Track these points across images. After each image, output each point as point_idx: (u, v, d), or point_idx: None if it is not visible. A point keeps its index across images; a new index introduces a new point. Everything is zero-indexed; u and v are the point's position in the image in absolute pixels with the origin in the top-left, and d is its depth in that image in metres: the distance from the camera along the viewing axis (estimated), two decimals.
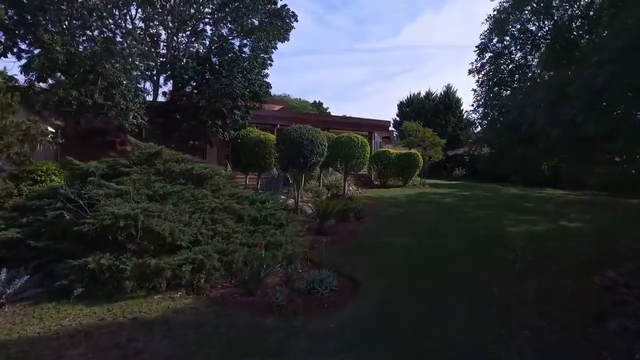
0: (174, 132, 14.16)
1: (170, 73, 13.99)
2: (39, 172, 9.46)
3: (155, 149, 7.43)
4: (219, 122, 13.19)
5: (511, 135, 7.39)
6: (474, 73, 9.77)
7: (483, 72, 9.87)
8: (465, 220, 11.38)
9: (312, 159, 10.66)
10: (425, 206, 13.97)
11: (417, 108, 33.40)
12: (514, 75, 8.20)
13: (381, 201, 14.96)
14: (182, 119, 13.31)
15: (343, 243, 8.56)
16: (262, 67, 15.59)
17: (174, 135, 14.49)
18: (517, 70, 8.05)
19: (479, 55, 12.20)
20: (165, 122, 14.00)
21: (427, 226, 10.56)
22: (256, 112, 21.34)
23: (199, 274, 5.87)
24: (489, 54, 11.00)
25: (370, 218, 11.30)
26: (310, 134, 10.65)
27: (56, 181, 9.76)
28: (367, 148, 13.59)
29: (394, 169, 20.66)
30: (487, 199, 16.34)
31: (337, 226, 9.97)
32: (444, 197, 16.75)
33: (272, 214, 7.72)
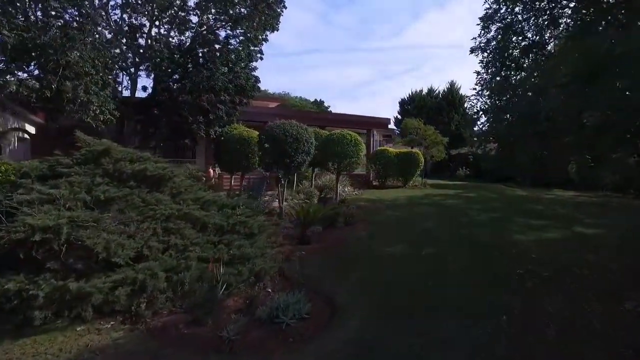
0: (155, 129, 13.12)
1: (149, 65, 12.95)
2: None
3: (104, 146, 6.36)
4: (201, 118, 12.13)
5: (525, 126, 5.83)
6: (477, 51, 7.64)
7: (489, 50, 7.58)
8: (469, 226, 10.23)
9: (298, 158, 9.56)
10: (425, 209, 12.82)
11: (419, 105, 32.18)
12: (528, 54, 6.50)
13: (377, 204, 13.83)
14: (162, 115, 12.25)
15: (327, 254, 7.45)
16: (250, 59, 14.51)
17: (155, 134, 13.47)
18: (531, 47, 6.29)
19: (484, 28, 9.49)
20: (145, 119, 12.96)
21: (426, 233, 9.43)
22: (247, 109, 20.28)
23: (138, 298, 4.78)
24: (496, 26, 8.78)
25: (363, 223, 10.18)
26: (295, 130, 9.55)
27: None
28: (361, 146, 12.46)
29: (393, 168, 19.53)
30: (492, 201, 15.16)
31: (323, 233, 8.87)
32: (446, 198, 15.58)
33: (242, 222, 6.62)
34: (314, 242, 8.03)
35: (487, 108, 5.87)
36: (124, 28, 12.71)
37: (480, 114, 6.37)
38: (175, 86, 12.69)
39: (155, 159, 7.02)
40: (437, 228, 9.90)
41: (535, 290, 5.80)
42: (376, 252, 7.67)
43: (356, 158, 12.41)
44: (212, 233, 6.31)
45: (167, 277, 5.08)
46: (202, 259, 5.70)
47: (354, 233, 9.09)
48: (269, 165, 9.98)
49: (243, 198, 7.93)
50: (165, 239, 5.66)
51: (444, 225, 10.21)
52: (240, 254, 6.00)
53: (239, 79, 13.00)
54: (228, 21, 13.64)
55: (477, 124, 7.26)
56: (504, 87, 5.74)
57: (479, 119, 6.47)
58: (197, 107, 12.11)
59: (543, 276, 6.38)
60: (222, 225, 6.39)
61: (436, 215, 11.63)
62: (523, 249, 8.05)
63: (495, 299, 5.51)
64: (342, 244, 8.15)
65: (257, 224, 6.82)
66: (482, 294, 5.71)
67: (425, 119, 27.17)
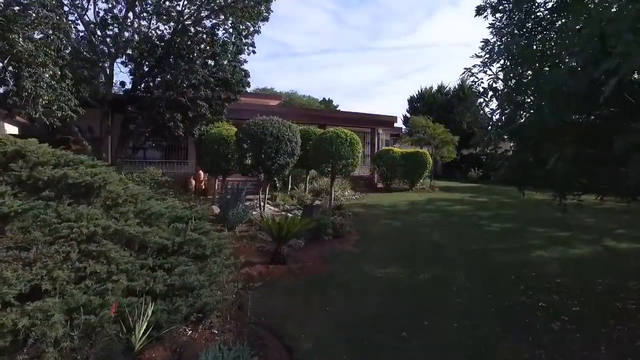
0: (134, 129, 11.96)
1: (126, 58, 11.78)
2: None
3: (15, 147, 5.13)
4: (179, 115, 10.92)
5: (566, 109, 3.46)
6: (487, 11, 5.20)
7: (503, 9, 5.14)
8: (480, 238, 8.79)
9: (279, 160, 8.27)
10: (430, 217, 11.38)
11: (428, 103, 30.57)
12: (562, 12, 4.34)
13: (376, 210, 12.44)
14: (137, 113, 11.07)
15: (301, 278, 6.11)
16: (238, 51, 13.25)
17: (134, 133, 12.31)
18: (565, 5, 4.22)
19: None
20: (121, 117, 11.81)
21: (428, 248, 8.02)
22: (242, 107, 19.06)
23: (17, 354, 3.53)
24: None
25: (355, 235, 8.81)
26: (276, 128, 8.25)
27: None
28: (357, 146, 11.09)
29: (399, 170, 18.12)
30: (507, 206, 13.63)
31: (305, 249, 7.54)
32: (455, 204, 14.10)
33: (192, 240, 5.34)
34: (290, 261, 6.70)
35: (502, 90, 4.06)
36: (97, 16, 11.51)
37: (489, 95, 4.62)
38: (153, 81, 11.50)
39: (93, 162, 5.77)
40: (441, 242, 8.48)
41: (567, 337, 4.37)
42: (363, 276, 6.30)
43: (352, 159, 11.04)
44: (153, 255, 5.03)
45: (67, 320, 3.81)
46: (131, 291, 4.43)
47: (342, 248, 7.73)
48: (248, 168, 8.71)
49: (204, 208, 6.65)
50: (82, 266, 4.39)
51: (451, 238, 8.78)
52: (182, 283, 4.70)
53: (223, 72, 11.73)
54: (212, 10, 12.39)
55: (482, 107, 5.22)
56: (528, 53, 3.87)
57: (487, 103, 4.63)
58: (174, 104, 10.90)
59: (572, 312, 4.94)
60: (166, 245, 5.11)
61: (442, 225, 10.19)
62: (545, 271, 6.60)
63: (512, 351, 4.10)
64: (323, 263, 6.80)
65: (212, 243, 5.52)
66: (500, 344, 4.31)
67: (435, 117, 25.61)
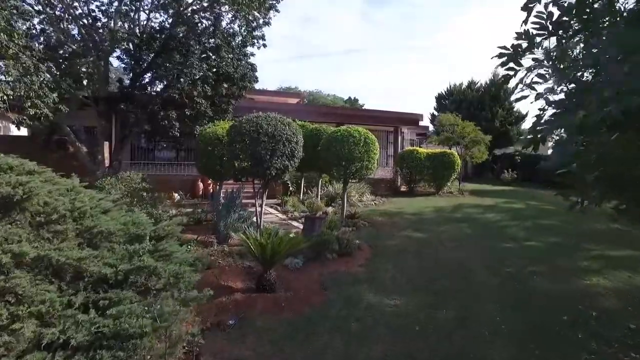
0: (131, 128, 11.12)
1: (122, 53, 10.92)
2: None
3: None
4: (174, 113, 9.94)
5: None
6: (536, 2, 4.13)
7: None
8: (518, 257, 7.26)
9: (275, 163, 7.05)
10: (458, 228, 9.86)
11: (457, 100, 28.55)
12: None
13: (396, 219, 11.02)
14: (131, 112, 10.17)
15: (289, 312, 4.85)
16: (243, 44, 12.17)
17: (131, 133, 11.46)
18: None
19: None
20: (116, 116, 10.99)
21: (454, 270, 6.58)
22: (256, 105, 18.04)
23: None
24: None
25: (366, 252, 7.47)
26: (272, 125, 7.04)
27: None
28: (373, 146, 9.72)
29: (424, 172, 16.58)
30: (547, 215, 11.88)
31: (301, 271, 6.28)
32: (486, 211, 12.46)
33: (144, 267, 4.19)
34: (279, 287, 5.47)
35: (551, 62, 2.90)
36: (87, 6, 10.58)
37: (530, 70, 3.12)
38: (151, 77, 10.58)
39: (33, 168, 4.73)
40: (470, 261, 7.01)
41: None
42: (367, 311, 4.97)
43: (367, 162, 9.68)
44: (89, 288, 3.92)
45: None
46: (38, 344, 3.32)
47: (347, 270, 6.41)
48: (240, 173, 7.54)
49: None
50: None
51: (480, 257, 7.29)
52: (116, 330, 3.55)
53: (226, 66, 10.66)
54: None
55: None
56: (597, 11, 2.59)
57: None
58: (169, 100, 9.92)
59: None
60: (105, 274, 3.99)
61: (471, 239, 8.69)
62: (609, 309, 5.06)
63: None
64: (320, 291, 5.52)
65: (170, 271, 4.35)
66: None
67: (465, 115, 23.75)
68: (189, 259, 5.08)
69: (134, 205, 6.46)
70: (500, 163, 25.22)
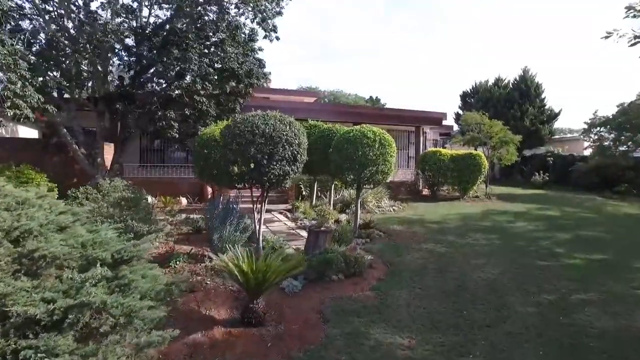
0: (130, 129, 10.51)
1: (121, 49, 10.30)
2: None
3: None
4: (172, 113, 9.23)
5: None
6: None
7: None
8: (557, 279, 6.11)
9: (273, 169, 6.17)
10: (486, 240, 8.72)
11: (483, 98, 26.96)
12: None
13: (416, 227, 9.97)
14: (126, 110, 9.52)
15: (274, 357, 3.94)
16: (250, 38, 11.38)
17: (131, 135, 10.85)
18: None
19: None
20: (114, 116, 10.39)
21: (482, 295, 5.52)
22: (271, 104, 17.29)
23: None
24: None
25: (379, 270, 6.49)
26: (270, 126, 6.16)
27: None
28: (389, 148, 8.72)
29: (448, 175, 15.39)
30: (588, 224, 10.56)
31: (300, 295, 5.38)
32: (518, 219, 11.22)
33: (86, 304, 3.37)
34: (270, 319, 4.58)
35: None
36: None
37: None
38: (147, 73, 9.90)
39: None
40: (500, 284, 5.92)
41: None
42: (373, 355, 4.01)
43: (383, 165, 8.69)
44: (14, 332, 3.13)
45: None
46: None
47: (355, 295, 5.45)
48: (236, 179, 6.69)
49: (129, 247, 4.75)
50: None
51: (513, 278, 6.18)
52: None
53: (229, 61, 9.87)
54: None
55: None
56: None
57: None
58: (169, 99, 9.21)
59: None
60: (35, 315, 3.18)
61: (501, 254, 7.56)
62: None
63: None
64: (318, 324, 4.58)
65: (124, 308, 3.53)
66: None
67: (492, 114, 22.33)
68: (158, 287, 4.28)
69: (111, 218, 5.70)
70: (530, 165, 23.59)
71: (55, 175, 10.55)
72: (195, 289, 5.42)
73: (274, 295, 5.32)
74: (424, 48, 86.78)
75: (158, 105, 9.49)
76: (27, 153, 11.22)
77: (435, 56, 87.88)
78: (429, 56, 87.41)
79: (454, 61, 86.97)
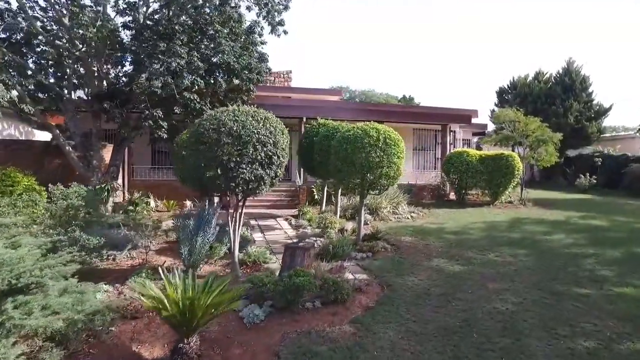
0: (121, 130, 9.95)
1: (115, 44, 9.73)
2: None
3: None
4: (159, 112, 8.50)
5: None
6: None
7: None
8: (602, 319, 4.69)
9: (242, 172, 5.21)
10: (511, 257, 7.31)
11: (521, 93, 24.75)
12: None
13: (432, 239, 8.69)
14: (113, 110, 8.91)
15: None
16: (250, 30, 10.54)
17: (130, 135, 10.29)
18: None
19: None
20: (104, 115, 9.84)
21: (495, 342, 4.24)
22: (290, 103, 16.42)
23: None
24: None
25: (371, 296, 5.34)
26: (239, 123, 5.20)
27: None
28: (395, 148, 7.54)
29: (476, 178, 13.89)
30: None
31: (259, 329, 4.36)
32: (555, 230, 9.63)
33: None
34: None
35: None
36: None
37: None
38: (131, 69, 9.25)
39: None
40: (521, 322, 4.59)
41: None
42: None
43: (388, 168, 7.52)
44: None
45: None
46: None
47: (329, 330, 4.34)
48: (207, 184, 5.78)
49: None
50: None
51: (538, 312, 4.83)
52: None
53: (223, 55, 9.04)
54: None
55: None
56: None
57: None
58: (156, 96, 8.50)
59: None
60: None
61: (527, 276, 6.16)
62: None
63: None
64: None
65: None
66: None
67: (531, 111, 20.43)
68: (77, 316, 3.45)
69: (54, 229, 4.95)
70: (574, 166, 21.31)
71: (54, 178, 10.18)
72: (139, 314, 4.56)
73: (227, 326, 4.35)
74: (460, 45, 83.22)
75: (148, 104, 8.82)
76: (28, 155, 10.95)
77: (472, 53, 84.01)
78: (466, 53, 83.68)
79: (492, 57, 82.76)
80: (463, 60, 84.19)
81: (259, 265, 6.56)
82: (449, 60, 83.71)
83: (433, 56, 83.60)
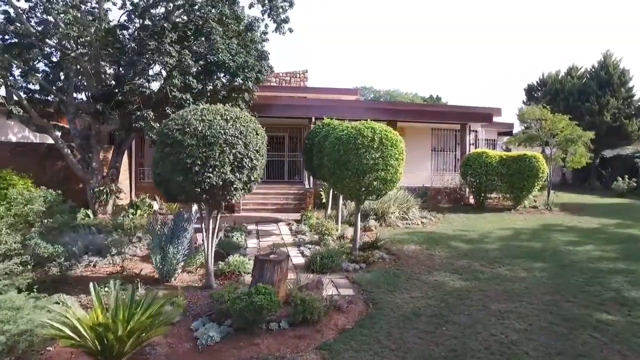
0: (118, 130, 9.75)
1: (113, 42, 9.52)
2: None
3: None
4: (151, 112, 8.16)
5: None
6: None
7: None
8: (619, 355, 3.88)
9: (208, 177, 4.72)
10: (523, 271, 6.45)
11: (552, 90, 23.13)
12: None
13: (439, 249, 7.92)
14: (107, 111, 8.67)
15: None
16: (250, 28, 10.11)
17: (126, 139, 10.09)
18: None
19: None
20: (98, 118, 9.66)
21: None
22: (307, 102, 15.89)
23: None
24: None
25: (352, 315, 4.70)
26: (206, 123, 4.71)
27: None
28: (393, 150, 6.84)
29: (497, 180, 12.90)
30: None
31: (212, 352, 3.83)
32: (584, 239, 8.62)
33: None
34: None
35: None
36: None
37: None
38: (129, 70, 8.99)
39: None
40: (519, 356, 3.84)
41: None
42: None
43: (384, 172, 6.85)
44: None
45: None
46: None
47: (289, 356, 3.76)
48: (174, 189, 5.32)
49: None
50: None
51: (542, 342, 4.04)
52: None
53: (215, 52, 8.62)
54: None
55: None
56: None
57: None
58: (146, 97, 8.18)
59: None
60: None
61: (537, 296, 5.32)
62: None
63: None
64: None
65: None
66: None
67: (563, 108, 19.02)
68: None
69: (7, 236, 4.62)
70: (611, 167, 19.68)
71: (54, 180, 10.14)
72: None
73: (177, 348, 3.86)
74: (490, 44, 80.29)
75: (140, 105, 8.54)
76: (31, 158, 10.97)
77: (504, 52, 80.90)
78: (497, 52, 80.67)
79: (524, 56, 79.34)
80: (493, 60, 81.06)
81: (238, 276, 6.05)
82: (479, 60, 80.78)
83: (463, 55, 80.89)
